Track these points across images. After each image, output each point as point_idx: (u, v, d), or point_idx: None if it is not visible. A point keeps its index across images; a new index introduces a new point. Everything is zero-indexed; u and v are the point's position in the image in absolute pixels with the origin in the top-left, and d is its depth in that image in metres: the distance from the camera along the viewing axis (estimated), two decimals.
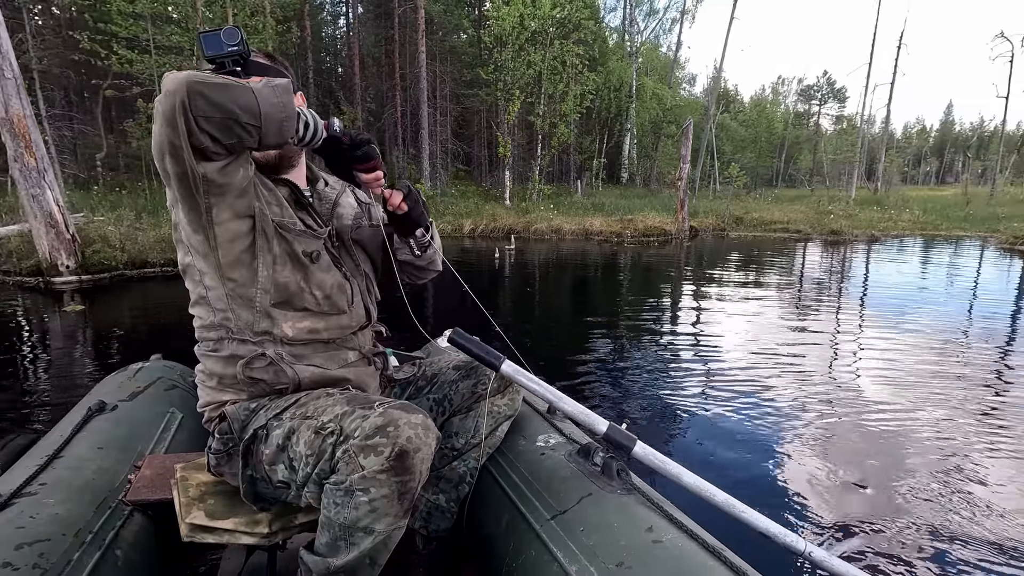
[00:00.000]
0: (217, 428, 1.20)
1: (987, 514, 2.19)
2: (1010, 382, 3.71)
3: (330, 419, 1.04)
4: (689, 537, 1.00)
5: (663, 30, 34.15)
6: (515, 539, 1.14)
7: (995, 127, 64.73)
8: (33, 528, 1.07)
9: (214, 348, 1.20)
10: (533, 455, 1.32)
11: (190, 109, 0.88)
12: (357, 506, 0.97)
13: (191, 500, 1.19)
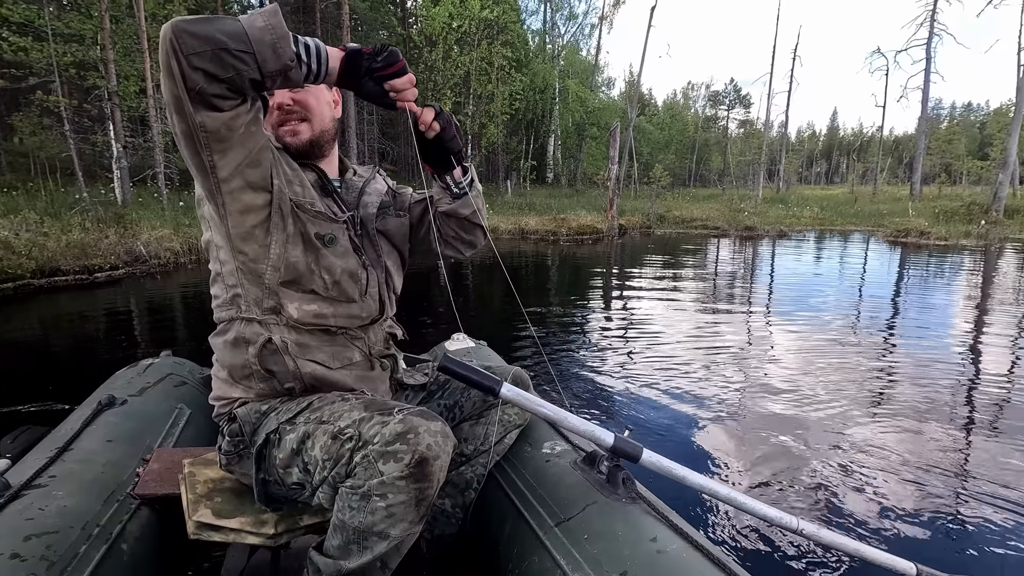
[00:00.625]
0: (228, 429, 1.20)
1: (880, 466, 2.55)
2: (893, 348, 4.54)
3: (348, 424, 1.03)
4: (693, 548, 1.00)
5: (583, 34, 35.39)
6: (519, 546, 1.15)
7: (873, 133, 72.38)
8: (42, 520, 1.07)
9: (224, 330, 1.20)
10: (538, 462, 1.32)
11: (180, 49, 0.86)
12: (374, 511, 0.97)
13: (198, 497, 1.20)
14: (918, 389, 3.56)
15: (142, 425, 1.59)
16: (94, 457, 1.36)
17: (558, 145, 29.08)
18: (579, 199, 19.27)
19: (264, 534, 1.12)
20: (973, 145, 43.54)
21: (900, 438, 2.88)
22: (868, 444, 2.79)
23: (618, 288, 7.33)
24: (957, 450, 2.76)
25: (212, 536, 1.13)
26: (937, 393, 3.49)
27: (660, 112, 43.93)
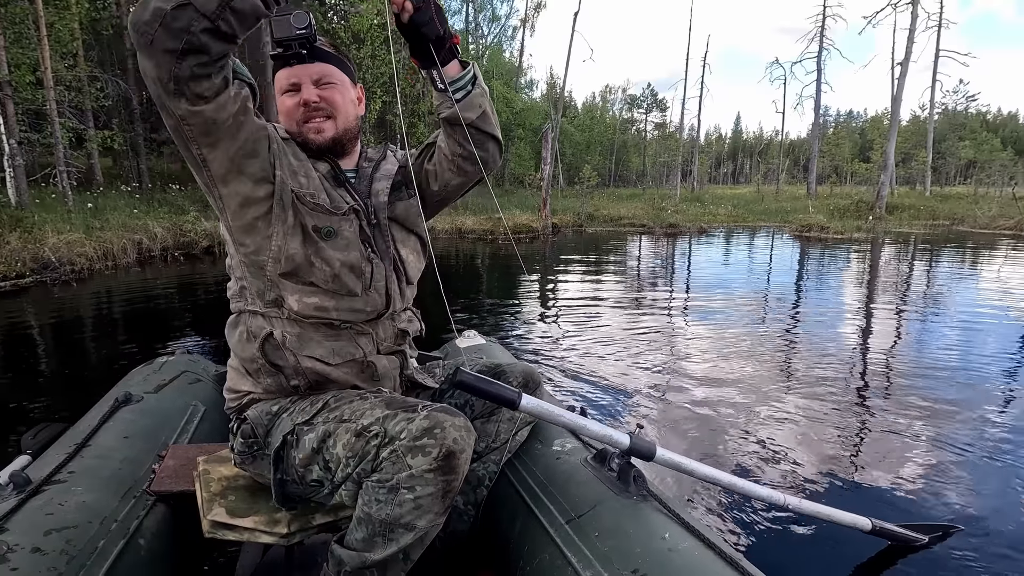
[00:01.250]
0: (240, 431, 1.20)
1: (788, 438, 2.75)
2: (797, 331, 4.99)
3: (372, 422, 1.04)
4: (705, 546, 0.99)
5: (506, 36, 35.85)
6: (530, 542, 1.15)
7: (772, 137, 78.54)
8: (61, 515, 1.09)
9: (235, 322, 1.21)
10: (549, 459, 1.32)
11: (143, 42, 0.85)
12: (401, 503, 0.98)
13: (213, 495, 1.20)
14: (821, 361, 3.97)
15: (158, 422, 1.60)
16: (111, 453, 1.37)
17: None
18: (509, 199, 19.32)
19: (278, 533, 1.12)
20: (855, 149, 48.38)
21: (809, 409, 3.07)
22: (785, 416, 2.97)
23: (553, 281, 7.56)
24: (870, 416, 3.02)
25: (227, 535, 1.14)
26: (841, 364, 3.92)
27: (580, 115, 45.39)
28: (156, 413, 1.65)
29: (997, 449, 2.59)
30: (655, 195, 26.15)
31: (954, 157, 37.12)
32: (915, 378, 3.63)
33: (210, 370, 2.09)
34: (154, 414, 1.64)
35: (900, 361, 4.12)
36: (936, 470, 2.41)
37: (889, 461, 2.50)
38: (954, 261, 10.12)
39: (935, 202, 22.66)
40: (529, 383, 1.39)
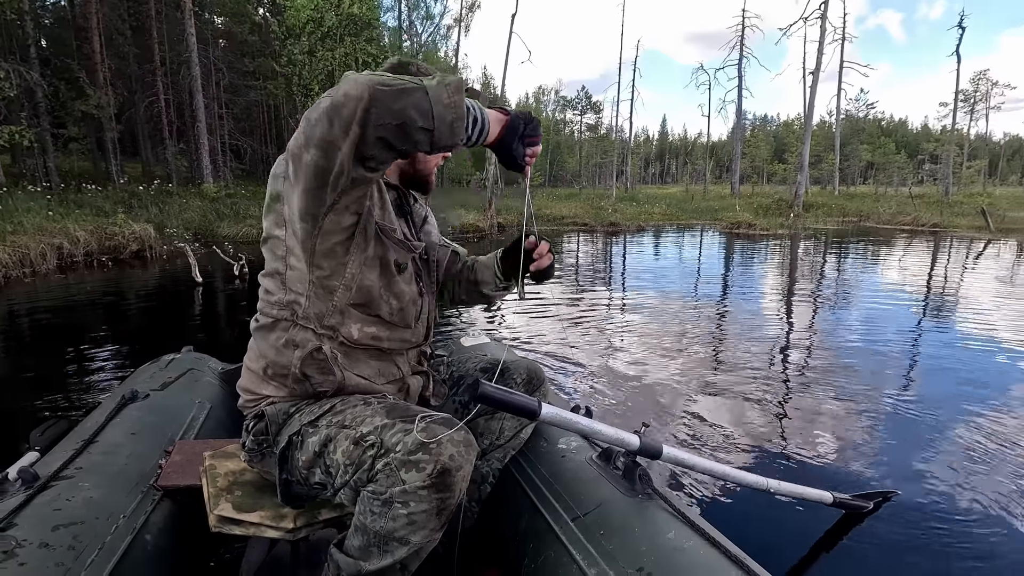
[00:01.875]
0: (253, 427, 1.15)
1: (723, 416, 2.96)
2: (735, 317, 5.42)
3: (370, 431, 1.00)
4: (710, 544, 0.98)
5: (440, 35, 35.57)
6: (535, 540, 1.13)
7: (694, 138, 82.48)
8: (69, 510, 1.08)
9: (270, 326, 1.14)
10: (554, 457, 1.30)
11: (370, 119, 0.84)
12: (395, 517, 0.95)
13: (219, 491, 1.18)
14: (750, 344, 4.31)
15: (164, 418, 1.58)
16: (118, 449, 1.35)
17: None
18: (449, 199, 18.55)
19: (283, 528, 1.10)
20: (771, 151, 52.05)
21: (749, 392, 3.24)
22: (725, 399, 3.13)
23: None
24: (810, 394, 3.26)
25: (233, 529, 1.12)
26: (776, 350, 4.27)
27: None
28: (163, 410, 1.62)
29: (912, 418, 2.88)
30: (592, 195, 26.98)
31: (856, 159, 38.84)
32: (836, 358, 3.95)
33: (216, 368, 2.06)
34: (161, 411, 1.61)
35: (826, 344, 4.46)
36: (866, 441, 2.61)
37: (827, 436, 2.65)
38: (862, 253, 11.15)
39: (844, 200, 24.44)
40: (533, 380, 1.40)
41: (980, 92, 36.13)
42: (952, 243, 13.23)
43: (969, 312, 5.69)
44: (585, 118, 43.96)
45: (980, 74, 37.34)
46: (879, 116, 55.23)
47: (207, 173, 15.83)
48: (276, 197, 1.08)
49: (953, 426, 2.80)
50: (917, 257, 10.69)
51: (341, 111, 0.85)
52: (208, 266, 7.31)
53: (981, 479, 2.27)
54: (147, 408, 1.61)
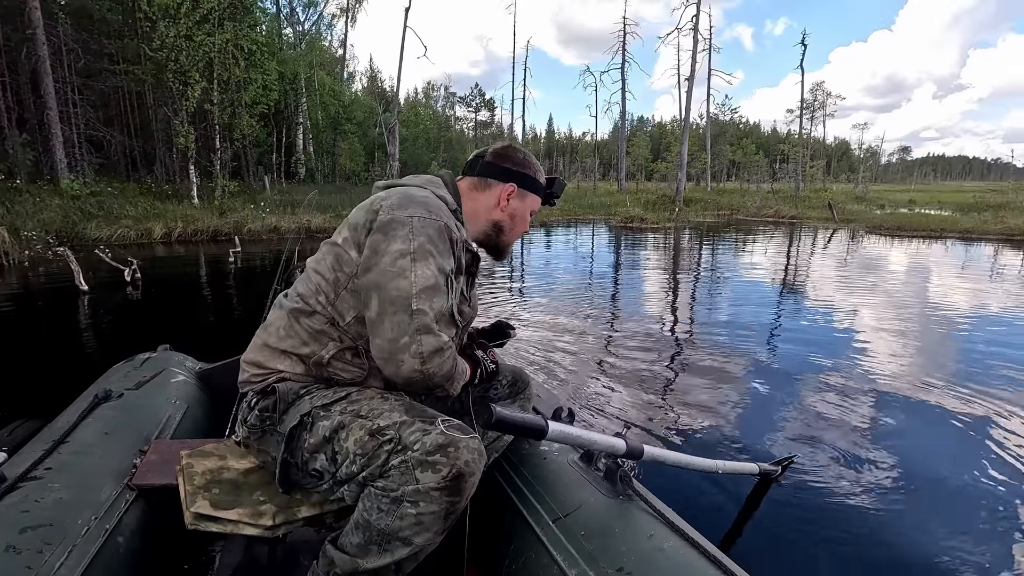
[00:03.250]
0: (260, 403, 1.09)
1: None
2: (630, 301, 5.72)
3: (388, 425, 0.98)
4: (690, 545, 0.96)
5: (324, 25, 33.81)
6: (516, 541, 1.10)
7: (579, 138, 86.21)
8: (37, 512, 1.00)
9: (309, 313, 1.10)
10: (537, 459, 1.27)
11: (427, 378, 1.02)
12: (403, 516, 0.93)
13: (196, 488, 1.10)
14: (641, 325, 4.57)
15: (139, 418, 1.46)
16: (91, 449, 1.25)
17: (309, 139, 27.52)
18: (345, 197, 18.36)
19: (262, 525, 1.04)
20: (649, 151, 56.00)
21: (652, 371, 3.38)
22: (630, 380, 3.22)
23: None
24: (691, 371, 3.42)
25: (209, 527, 1.05)
26: (655, 327, 4.56)
27: (404, 110, 44.93)
28: (137, 409, 1.50)
29: (794, 390, 3.10)
30: None
31: (723, 159, 40.98)
32: (718, 336, 4.21)
33: (193, 367, 1.93)
34: (135, 410, 1.49)
35: (701, 318, 4.97)
36: (760, 415, 2.77)
37: (729, 414, 2.75)
38: (736, 241, 12.18)
39: (716, 196, 25.44)
40: (518, 383, 1.40)
41: (818, 101, 41.59)
42: (809, 232, 14.56)
43: (822, 289, 6.33)
44: (480, 115, 44.32)
45: (817, 85, 42.74)
46: (739, 120, 61.53)
47: (62, 167, 13.76)
48: (352, 243, 1.08)
49: (813, 390, 3.07)
50: (785, 244, 11.70)
51: (415, 377, 1.02)
52: (89, 272, 6.49)
53: (841, 431, 2.54)
54: (121, 407, 1.49)
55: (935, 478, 2.18)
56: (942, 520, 1.91)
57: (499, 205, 1.24)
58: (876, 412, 2.82)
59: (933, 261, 9.30)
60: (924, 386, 3.21)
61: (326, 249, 1.13)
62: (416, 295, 1.00)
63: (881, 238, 13.10)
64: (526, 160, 1.26)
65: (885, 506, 1.97)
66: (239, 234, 10.63)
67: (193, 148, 13.88)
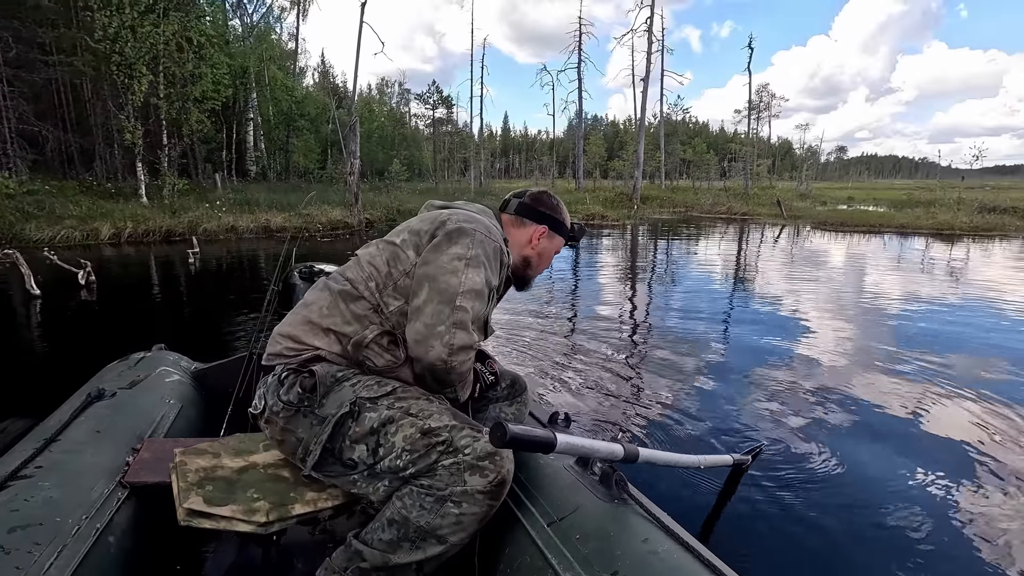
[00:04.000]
0: (300, 382, 1.09)
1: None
2: (599, 295, 5.81)
3: (440, 427, 1.01)
4: (685, 549, 0.95)
5: (274, 18, 32.65)
6: (511, 544, 1.08)
7: (534, 136, 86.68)
8: (27, 511, 0.97)
9: (356, 298, 1.15)
10: (532, 462, 1.25)
11: (448, 370, 1.10)
12: (445, 515, 0.96)
13: (189, 485, 1.08)
14: (600, 321, 4.57)
15: (132, 417, 1.41)
16: (82, 448, 1.21)
17: (260, 136, 26.60)
18: (302, 195, 15.83)
19: (255, 522, 1.02)
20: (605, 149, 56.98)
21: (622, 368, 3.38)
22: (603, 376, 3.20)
23: None
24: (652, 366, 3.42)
25: (202, 523, 1.02)
26: (620, 319, 4.68)
27: (358, 106, 43.76)
28: (130, 408, 1.46)
29: (754, 380, 3.15)
30: (449, 190, 26.86)
31: (676, 157, 42.03)
32: (683, 330, 4.28)
33: (188, 366, 1.89)
34: (128, 409, 1.45)
35: (658, 306, 5.18)
36: (727, 406, 2.78)
37: (692, 406, 2.76)
38: (694, 237, 12.35)
39: (671, 193, 25.56)
40: (516, 386, 1.42)
41: (763, 102, 43.34)
42: (761, 228, 14.91)
43: (778, 283, 6.52)
44: (438, 112, 43.71)
45: (763, 87, 44.46)
46: (690, 120, 63.38)
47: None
48: (432, 248, 1.15)
49: (771, 379, 3.16)
50: (741, 240, 11.96)
51: (450, 367, 1.11)
52: (38, 276, 6.13)
53: (801, 418, 2.63)
54: (114, 406, 1.44)
55: (874, 457, 2.31)
56: (877, 492, 2.03)
57: (531, 243, 1.35)
58: (828, 395, 2.95)
59: (874, 254, 9.65)
60: (869, 369, 3.42)
61: (383, 246, 1.20)
62: (462, 293, 1.07)
63: (827, 233, 13.45)
64: (558, 206, 1.38)
65: (844, 488, 2.06)
66: (194, 234, 10.24)
67: (141, 144, 13.21)
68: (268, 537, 1.07)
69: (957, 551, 1.71)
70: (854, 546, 1.72)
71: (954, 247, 10.68)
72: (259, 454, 1.23)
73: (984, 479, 2.14)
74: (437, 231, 1.16)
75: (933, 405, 2.85)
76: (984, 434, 2.52)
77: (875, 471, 2.18)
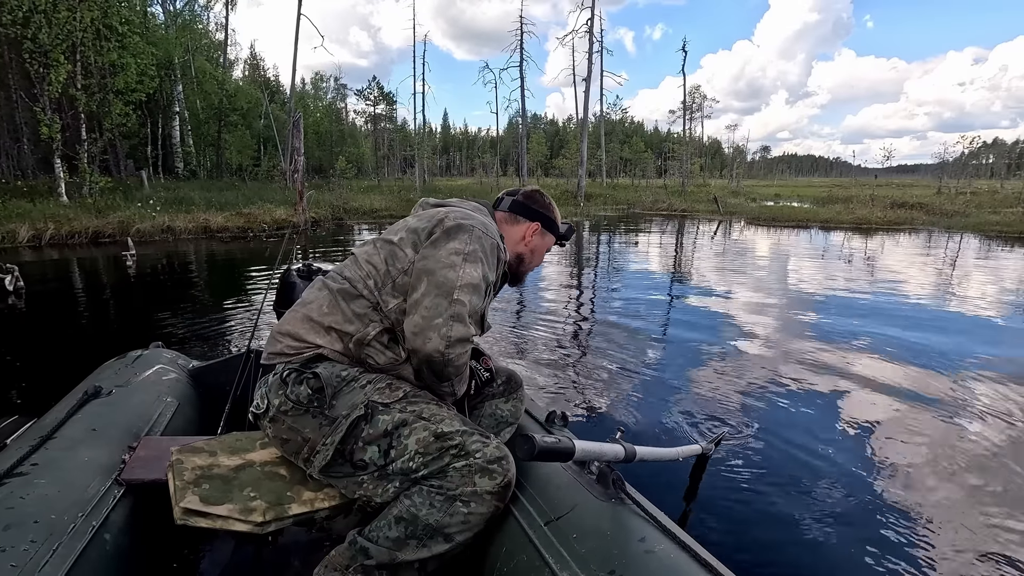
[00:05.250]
0: (306, 381, 1.08)
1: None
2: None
3: (452, 431, 1.03)
4: (681, 548, 0.94)
5: (199, 6, 30.64)
6: (508, 543, 1.07)
7: (474, 133, 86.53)
8: (22, 508, 0.96)
9: (355, 296, 1.15)
10: (529, 462, 1.17)
11: (445, 363, 1.10)
12: (453, 514, 0.98)
13: (186, 483, 1.06)
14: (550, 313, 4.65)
15: (129, 415, 1.38)
16: (78, 446, 1.18)
17: (188, 131, 25.05)
18: (238, 193, 15.41)
19: (252, 521, 1.01)
20: (547, 148, 57.53)
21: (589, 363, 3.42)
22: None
23: None
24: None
25: (198, 522, 1.00)
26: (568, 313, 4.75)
27: (294, 102, 41.83)
28: (127, 407, 1.42)
29: (712, 370, 3.26)
30: (394, 187, 25.00)
31: (614, 156, 42.63)
32: (631, 322, 4.34)
33: (186, 364, 1.84)
34: (125, 407, 1.41)
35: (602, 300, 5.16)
36: (689, 397, 2.87)
37: (651, 399, 2.82)
38: (640, 232, 12.74)
39: (612, 191, 26.08)
40: (512, 382, 1.41)
41: (696, 103, 45.26)
42: (700, 223, 15.33)
43: (717, 275, 6.74)
44: (378, 108, 42.55)
45: (695, 89, 46.43)
46: (627, 119, 65.25)
47: None
48: (430, 244, 1.16)
49: (718, 372, 3.23)
50: (684, 234, 12.42)
51: (439, 363, 1.12)
52: None
53: (750, 403, 2.76)
54: (111, 404, 1.40)
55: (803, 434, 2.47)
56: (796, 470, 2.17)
57: (524, 240, 1.37)
58: (775, 378, 3.14)
59: (804, 247, 10.22)
60: (807, 350, 3.72)
61: (380, 244, 1.20)
62: (460, 287, 1.08)
63: (761, 228, 13.94)
64: (551, 205, 1.40)
65: (797, 461, 2.22)
66: (127, 235, 9.60)
67: (59, 139, 12.19)
68: (264, 537, 1.05)
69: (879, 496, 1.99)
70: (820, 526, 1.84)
71: (871, 239, 11.45)
72: (256, 452, 1.21)
73: (897, 428, 2.54)
74: (435, 228, 1.16)
75: (852, 369, 3.31)
76: (895, 390, 2.99)
77: (820, 442, 2.40)
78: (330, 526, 1.23)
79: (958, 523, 1.81)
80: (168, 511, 1.01)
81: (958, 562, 1.63)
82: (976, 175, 35.11)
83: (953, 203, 17.02)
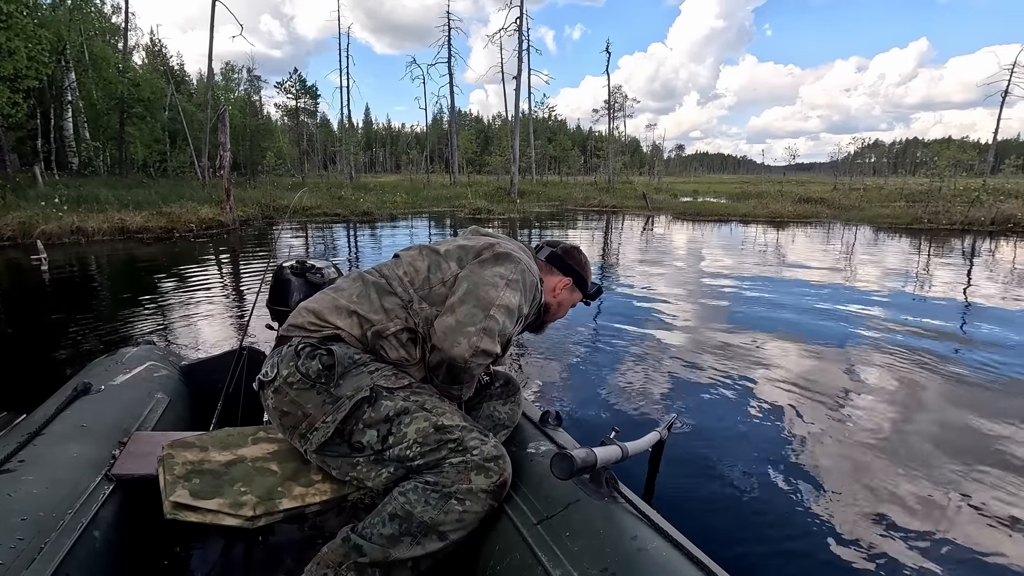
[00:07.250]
0: (319, 357, 1.07)
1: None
2: None
3: (452, 425, 1.02)
4: (673, 546, 0.94)
5: None
6: (501, 541, 1.06)
7: (398, 129, 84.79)
8: (9, 506, 0.93)
9: (387, 292, 1.15)
10: (523, 460, 1.23)
11: (465, 369, 1.11)
12: (448, 511, 0.96)
13: (176, 478, 1.03)
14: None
15: (119, 412, 1.34)
16: (67, 443, 1.14)
17: (83, 123, 22.73)
18: (147, 191, 14.13)
19: (242, 516, 0.98)
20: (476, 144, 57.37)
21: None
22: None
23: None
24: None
25: (188, 516, 0.98)
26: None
27: (197, 91, 38.91)
28: (117, 403, 1.37)
29: (665, 362, 3.33)
30: (322, 183, 22.63)
31: (544, 153, 43.36)
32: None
33: (177, 361, 1.78)
34: (115, 404, 1.36)
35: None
36: (638, 386, 2.93)
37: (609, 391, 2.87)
38: (576, 228, 12.79)
39: (543, 188, 25.67)
40: (509, 385, 1.40)
41: (617, 103, 46.89)
42: (631, 218, 15.66)
43: (650, 267, 6.93)
44: (300, 102, 40.45)
45: (616, 88, 48.10)
46: (552, 117, 66.47)
47: None
48: (478, 262, 1.21)
49: (654, 361, 3.36)
50: (617, 229, 12.61)
51: (468, 358, 1.13)
52: None
53: (686, 387, 2.91)
54: (101, 401, 1.35)
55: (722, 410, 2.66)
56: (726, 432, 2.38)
57: (554, 291, 1.38)
58: (719, 362, 3.32)
59: (726, 239, 10.74)
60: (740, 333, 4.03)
61: (426, 252, 1.22)
62: (497, 306, 1.09)
63: (687, 222, 14.35)
64: (585, 264, 1.43)
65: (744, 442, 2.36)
66: (29, 238, 8.68)
67: None
68: (255, 532, 1.01)
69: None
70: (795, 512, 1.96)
71: (783, 231, 12.18)
72: (248, 448, 1.16)
73: (814, 401, 2.86)
74: (485, 251, 1.18)
75: (765, 349, 3.66)
76: (807, 364, 3.37)
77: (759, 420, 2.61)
78: (322, 523, 1.21)
79: (864, 475, 2.19)
80: (158, 506, 0.98)
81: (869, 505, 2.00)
82: (862, 173, 38.73)
83: (848, 198, 18.29)
